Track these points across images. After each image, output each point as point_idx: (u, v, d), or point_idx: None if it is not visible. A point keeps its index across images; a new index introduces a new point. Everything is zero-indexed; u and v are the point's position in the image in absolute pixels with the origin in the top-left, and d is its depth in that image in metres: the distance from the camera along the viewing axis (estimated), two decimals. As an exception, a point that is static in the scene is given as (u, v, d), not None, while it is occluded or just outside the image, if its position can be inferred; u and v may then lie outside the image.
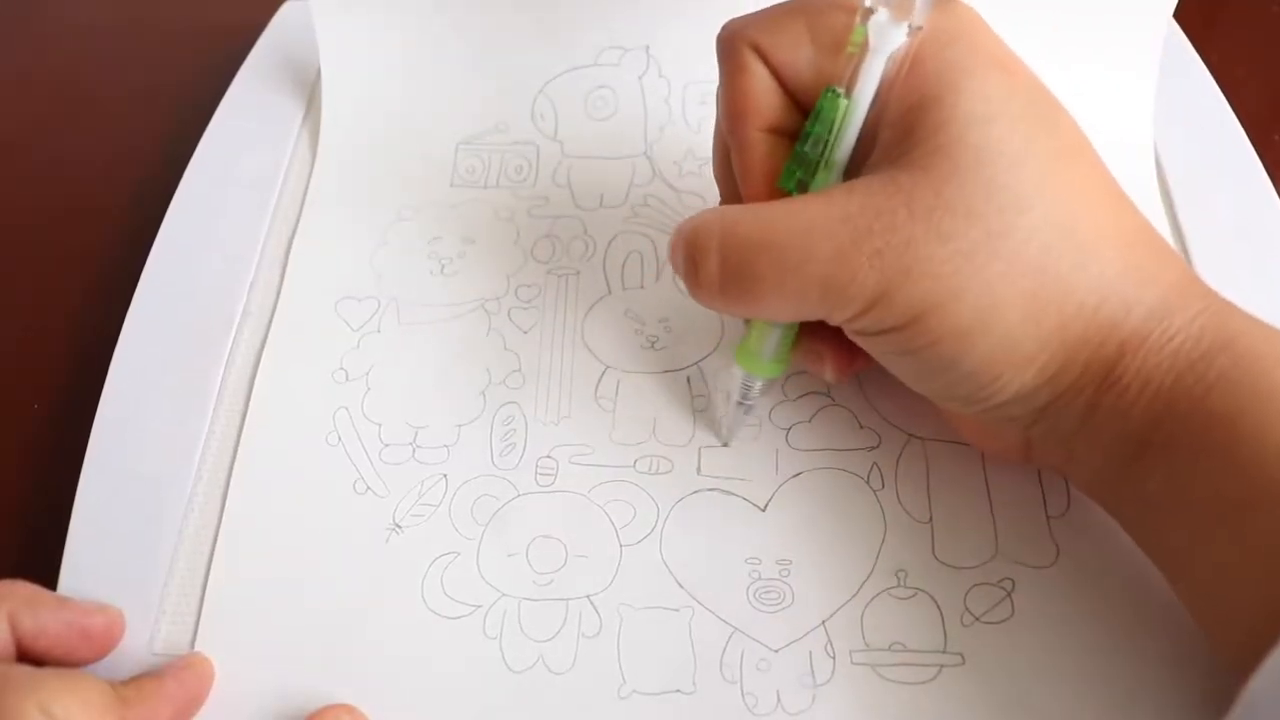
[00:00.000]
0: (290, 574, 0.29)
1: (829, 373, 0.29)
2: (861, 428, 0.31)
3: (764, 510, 0.30)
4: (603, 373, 0.33)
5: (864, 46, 0.24)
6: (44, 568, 0.29)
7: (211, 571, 0.29)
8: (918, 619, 0.28)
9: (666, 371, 0.33)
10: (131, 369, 0.33)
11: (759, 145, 0.27)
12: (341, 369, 0.33)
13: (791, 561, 0.29)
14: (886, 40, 0.24)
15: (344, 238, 0.36)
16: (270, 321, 0.34)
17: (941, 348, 0.24)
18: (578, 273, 0.35)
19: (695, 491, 0.30)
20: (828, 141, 0.25)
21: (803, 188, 0.26)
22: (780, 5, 0.26)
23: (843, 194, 0.24)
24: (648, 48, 0.39)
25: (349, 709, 0.27)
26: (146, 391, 0.33)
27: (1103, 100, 0.36)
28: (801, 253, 0.24)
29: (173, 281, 0.35)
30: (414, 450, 0.31)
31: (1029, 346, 0.24)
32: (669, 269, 0.35)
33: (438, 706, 0.27)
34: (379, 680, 0.27)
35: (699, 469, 0.31)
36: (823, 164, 0.26)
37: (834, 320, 0.25)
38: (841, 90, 0.25)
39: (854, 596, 0.28)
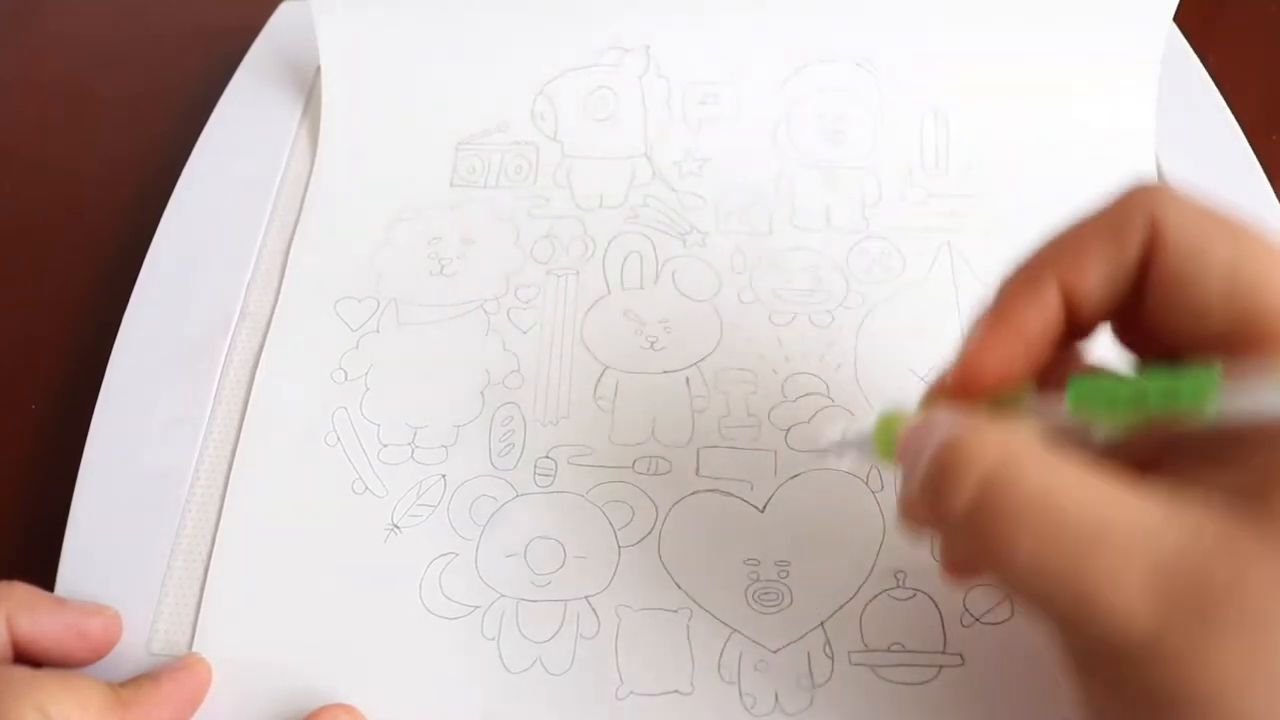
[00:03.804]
0: (289, 574, 0.29)
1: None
2: (861, 428, 0.31)
3: (763, 511, 0.30)
4: (602, 373, 0.33)
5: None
6: (42, 568, 0.29)
7: (209, 572, 0.29)
8: (917, 620, 0.28)
9: (666, 372, 0.33)
10: (130, 369, 0.33)
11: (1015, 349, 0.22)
12: (340, 369, 0.33)
13: (790, 562, 0.29)
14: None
15: (344, 238, 0.36)
16: (269, 321, 0.34)
17: None
18: (577, 273, 0.35)
19: (694, 492, 0.30)
20: (1155, 413, 0.19)
21: (1012, 404, 0.21)
22: (1087, 227, 0.22)
23: (1164, 506, 0.18)
24: (648, 48, 0.39)
25: (348, 709, 0.27)
26: (145, 392, 0.33)
27: (1103, 101, 0.36)
28: (1080, 548, 0.18)
29: (171, 281, 0.35)
30: (413, 450, 0.31)
31: None
32: (668, 269, 0.35)
33: (436, 707, 0.27)
34: (377, 680, 0.27)
35: (698, 470, 0.30)
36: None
37: (1056, 633, 0.20)
38: (1219, 369, 0.18)
39: (853, 597, 0.28)
